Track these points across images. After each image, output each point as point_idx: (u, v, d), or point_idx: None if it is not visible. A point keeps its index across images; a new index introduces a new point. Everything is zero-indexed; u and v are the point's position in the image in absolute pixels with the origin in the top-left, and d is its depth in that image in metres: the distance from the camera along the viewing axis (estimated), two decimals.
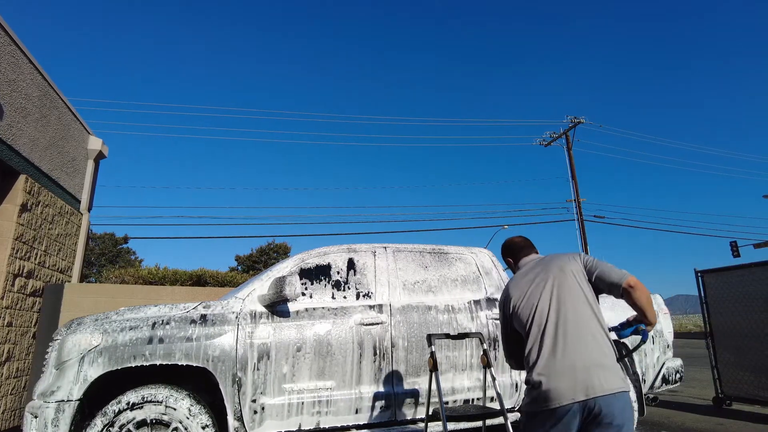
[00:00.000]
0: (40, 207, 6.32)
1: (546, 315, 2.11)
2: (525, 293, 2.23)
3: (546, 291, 2.17)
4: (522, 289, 2.26)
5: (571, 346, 2.00)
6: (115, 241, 26.16)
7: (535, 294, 2.19)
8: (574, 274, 2.19)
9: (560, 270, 2.21)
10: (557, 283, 2.18)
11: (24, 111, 5.86)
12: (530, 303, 2.18)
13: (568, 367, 1.96)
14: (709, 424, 5.66)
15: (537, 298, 2.17)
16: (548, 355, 2.02)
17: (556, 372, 1.97)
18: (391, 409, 3.81)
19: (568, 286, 2.16)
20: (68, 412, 3.15)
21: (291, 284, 3.55)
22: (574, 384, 1.93)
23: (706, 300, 6.97)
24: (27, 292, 6.04)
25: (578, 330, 2.04)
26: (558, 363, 1.98)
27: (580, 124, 23.49)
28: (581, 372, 1.94)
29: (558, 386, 1.95)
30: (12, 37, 5.56)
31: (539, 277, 2.25)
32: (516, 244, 2.57)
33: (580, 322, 2.06)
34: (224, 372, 3.47)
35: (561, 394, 1.94)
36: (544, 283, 2.20)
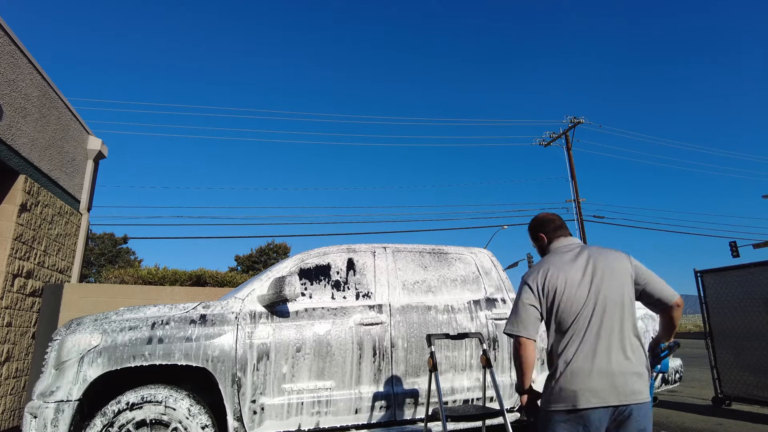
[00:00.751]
0: (40, 207, 6.31)
1: (592, 313, 2.03)
2: (575, 282, 2.09)
3: (595, 288, 2.07)
4: (570, 276, 2.11)
5: (615, 351, 1.97)
6: (114, 241, 26.16)
7: (584, 288, 2.08)
8: (624, 278, 2.11)
9: (612, 271, 2.12)
10: (608, 285, 2.09)
11: (23, 111, 5.86)
12: (580, 295, 2.06)
13: (607, 371, 1.93)
14: (709, 424, 5.66)
15: (586, 292, 2.07)
16: (590, 355, 1.97)
17: (594, 373, 1.93)
18: (390, 409, 3.81)
19: (617, 290, 2.09)
20: (68, 413, 3.15)
21: (290, 284, 3.55)
22: (611, 388, 1.91)
23: (706, 300, 6.98)
24: (26, 292, 6.04)
25: (621, 336, 2.01)
26: (598, 365, 1.95)
27: (579, 124, 23.51)
28: (619, 377, 1.93)
29: (595, 387, 1.92)
30: (11, 37, 5.55)
31: (589, 269, 2.12)
32: (554, 221, 2.40)
33: (624, 329, 2.02)
34: (224, 372, 3.47)
35: (598, 395, 1.91)
36: (594, 278, 2.10)
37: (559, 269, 2.15)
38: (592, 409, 1.91)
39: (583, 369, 1.95)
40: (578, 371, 1.96)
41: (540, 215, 2.47)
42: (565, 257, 2.21)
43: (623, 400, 1.90)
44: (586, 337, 2.00)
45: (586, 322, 2.03)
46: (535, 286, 2.16)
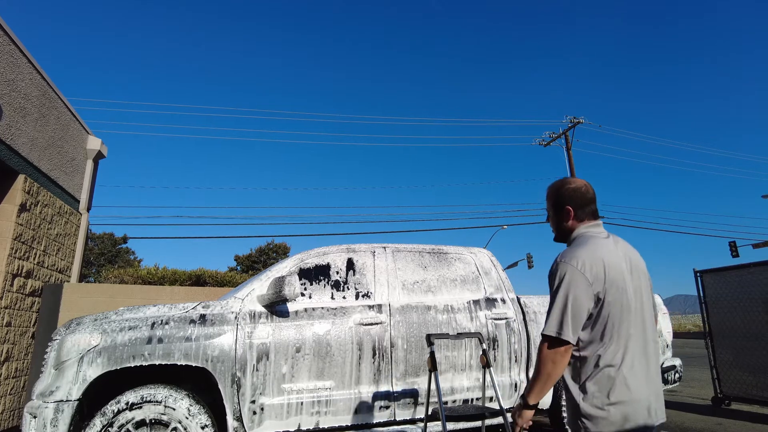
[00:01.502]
0: (39, 207, 6.31)
1: (639, 320, 1.72)
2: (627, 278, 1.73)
3: (639, 292, 1.76)
4: (622, 269, 1.74)
5: (653, 366, 1.71)
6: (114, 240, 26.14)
7: (630, 288, 1.73)
8: (650, 284, 1.84)
9: (645, 275, 1.83)
10: (646, 291, 1.79)
11: (23, 111, 5.85)
12: (630, 294, 1.72)
13: (645, 388, 1.66)
14: (708, 424, 5.66)
15: (632, 294, 1.72)
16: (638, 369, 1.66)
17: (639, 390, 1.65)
18: (390, 409, 3.81)
19: (650, 299, 1.82)
20: (67, 413, 3.15)
21: (290, 284, 3.55)
22: (649, 406, 1.65)
23: (705, 300, 6.98)
24: (26, 292, 6.03)
25: (656, 349, 1.76)
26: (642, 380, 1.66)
27: (579, 124, 23.51)
28: (653, 395, 1.68)
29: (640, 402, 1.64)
30: (11, 36, 5.55)
31: (629, 266, 1.77)
32: (591, 195, 1.92)
33: (654, 341, 1.77)
34: (223, 372, 3.47)
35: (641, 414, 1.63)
36: (637, 279, 1.77)
37: (610, 258, 1.73)
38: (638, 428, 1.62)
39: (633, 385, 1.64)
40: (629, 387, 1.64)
41: (572, 181, 1.96)
42: (608, 244, 1.79)
43: (654, 421, 1.67)
44: (633, 348, 1.68)
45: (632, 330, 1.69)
46: (591, 276, 1.68)
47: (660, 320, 5.04)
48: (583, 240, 1.82)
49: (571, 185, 1.94)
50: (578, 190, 1.92)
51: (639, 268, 1.81)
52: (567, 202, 1.91)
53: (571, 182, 1.96)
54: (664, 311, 5.16)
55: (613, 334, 1.67)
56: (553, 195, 1.97)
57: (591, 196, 1.92)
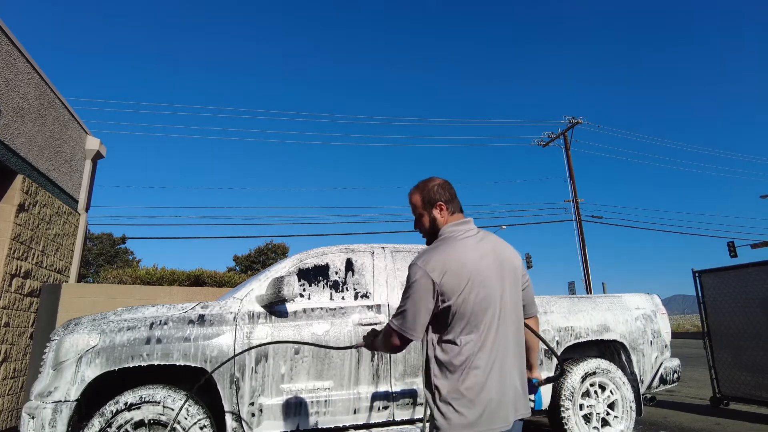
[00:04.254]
0: (38, 207, 6.30)
1: (498, 317, 1.74)
2: (479, 276, 1.73)
3: (500, 286, 1.77)
4: (479, 268, 1.74)
5: (513, 362, 1.75)
6: (112, 241, 26.10)
7: (491, 284, 1.74)
8: (519, 278, 1.86)
9: (513, 269, 1.84)
10: (511, 284, 1.81)
11: (21, 111, 5.85)
12: (487, 292, 1.72)
13: (510, 385, 1.72)
14: (707, 424, 5.67)
15: (493, 290, 1.74)
16: (498, 366, 1.70)
17: (501, 387, 1.69)
18: (389, 410, 3.81)
19: (517, 292, 1.84)
20: (65, 413, 3.15)
21: (289, 284, 3.55)
22: (507, 405, 1.69)
23: (704, 300, 6.99)
24: (24, 292, 6.02)
25: (517, 345, 1.79)
26: (502, 377, 1.70)
27: (578, 124, 23.53)
28: (517, 391, 1.74)
29: (499, 406, 1.67)
30: (9, 36, 5.54)
31: (493, 262, 1.79)
32: (452, 189, 1.94)
33: (519, 337, 1.80)
34: (222, 372, 3.46)
35: (506, 414, 1.68)
36: (500, 274, 1.78)
37: (468, 258, 1.75)
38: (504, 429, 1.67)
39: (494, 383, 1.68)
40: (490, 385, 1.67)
41: (433, 180, 1.95)
42: (469, 242, 1.80)
43: (514, 417, 1.71)
44: (496, 346, 1.71)
45: (493, 328, 1.72)
46: (437, 278, 1.70)
47: (659, 320, 5.05)
48: (444, 240, 1.84)
49: (432, 182, 1.94)
50: (442, 186, 1.92)
51: (510, 264, 1.83)
52: (430, 202, 1.90)
53: (431, 180, 1.96)
54: (663, 311, 5.17)
55: (472, 333, 1.69)
56: (422, 193, 1.94)
57: (454, 193, 1.93)
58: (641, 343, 4.81)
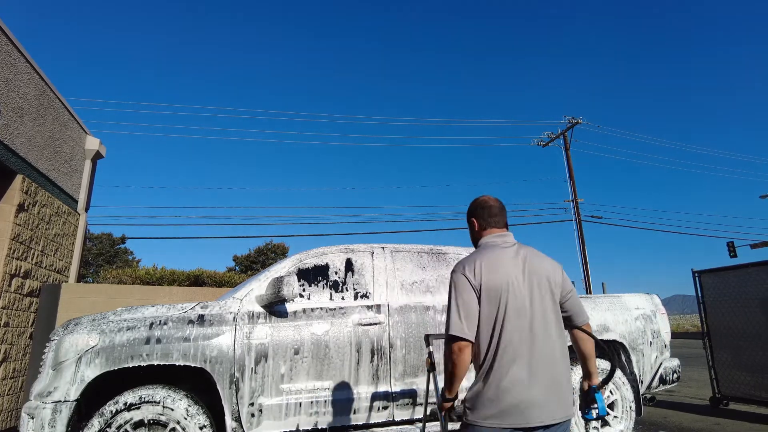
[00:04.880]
0: (37, 207, 6.30)
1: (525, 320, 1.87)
2: (508, 281, 1.89)
3: (528, 295, 1.91)
4: (505, 271, 1.91)
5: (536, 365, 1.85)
6: (112, 241, 26.07)
7: (516, 288, 1.89)
8: (554, 291, 1.97)
9: (548, 277, 1.97)
10: (541, 294, 1.93)
11: (21, 111, 5.84)
12: (512, 296, 1.88)
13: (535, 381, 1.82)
14: (706, 424, 5.67)
15: (520, 295, 1.89)
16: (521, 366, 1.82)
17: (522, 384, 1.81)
18: (389, 410, 3.81)
19: (549, 301, 1.95)
20: (65, 413, 3.15)
21: (289, 284, 3.55)
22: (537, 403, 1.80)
23: (704, 300, 6.99)
24: (24, 292, 6.02)
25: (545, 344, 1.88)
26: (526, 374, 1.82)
27: (577, 124, 23.53)
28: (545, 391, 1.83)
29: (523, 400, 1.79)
30: (9, 36, 5.54)
31: (528, 270, 1.94)
32: (492, 207, 2.15)
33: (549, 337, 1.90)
34: (222, 373, 3.46)
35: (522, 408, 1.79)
36: (530, 282, 1.93)
37: (499, 266, 1.92)
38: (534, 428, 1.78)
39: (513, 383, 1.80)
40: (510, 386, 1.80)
41: (478, 198, 2.22)
42: (507, 253, 1.98)
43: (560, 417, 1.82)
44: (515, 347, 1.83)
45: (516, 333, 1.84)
46: (474, 281, 1.89)
47: (658, 320, 5.05)
48: (480, 250, 2.04)
49: (477, 200, 2.22)
50: (482, 203, 2.18)
51: (538, 274, 1.95)
52: (475, 215, 2.17)
53: (478, 198, 2.23)
54: (663, 311, 5.17)
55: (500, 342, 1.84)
56: (471, 211, 2.22)
57: (497, 210, 2.15)
58: (641, 343, 4.81)
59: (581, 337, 2.06)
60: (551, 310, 1.93)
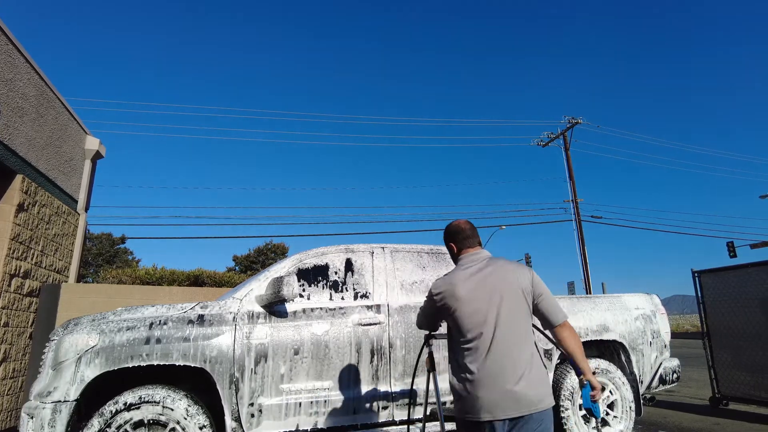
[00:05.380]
0: (37, 207, 6.30)
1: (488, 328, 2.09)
2: (471, 296, 2.15)
3: (491, 304, 2.12)
4: (471, 288, 2.17)
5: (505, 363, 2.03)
6: (112, 241, 26.07)
7: (479, 301, 2.14)
8: (524, 294, 2.16)
9: (510, 286, 2.16)
10: (505, 302, 2.13)
11: (21, 110, 5.84)
12: (475, 309, 2.13)
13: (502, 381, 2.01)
14: (706, 424, 5.67)
15: (482, 307, 2.12)
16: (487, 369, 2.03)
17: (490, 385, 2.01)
18: (388, 410, 3.81)
19: (514, 306, 2.14)
20: (65, 413, 3.14)
21: (289, 284, 3.54)
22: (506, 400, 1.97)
23: (703, 300, 6.99)
24: (24, 292, 6.02)
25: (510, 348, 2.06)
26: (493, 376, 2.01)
27: (577, 124, 23.54)
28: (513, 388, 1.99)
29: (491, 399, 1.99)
30: (8, 36, 5.54)
31: (490, 283, 2.17)
32: (464, 230, 2.42)
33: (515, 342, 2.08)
34: (221, 373, 3.46)
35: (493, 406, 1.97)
36: (493, 292, 2.15)
37: (461, 280, 2.21)
38: (493, 422, 1.97)
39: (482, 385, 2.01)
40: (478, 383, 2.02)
41: (452, 224, 2.48)
42: (471, 270, 2.25)
43: (522, 412, 1.96)
44: (480, 352, 2.06)
45: (484, 338, 2.07)
46: (437, 295, 2.27)
47: (658, 320, 5.05)
48: (451, 270, 2.34)
49: (451, 226, 2.48)
50: (456, 227, 2.45)
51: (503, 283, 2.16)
52: (449, 240, 2.46)
53: (451, 223, 2.50)
54: (662, 312, 5.17)
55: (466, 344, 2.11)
56: (444, 238, 2.52)
57: (467, 233, 2.41)
58: (641, 343, 4.81)
59: (559, 338, 2.20)
60: (513, 313, 2.12)
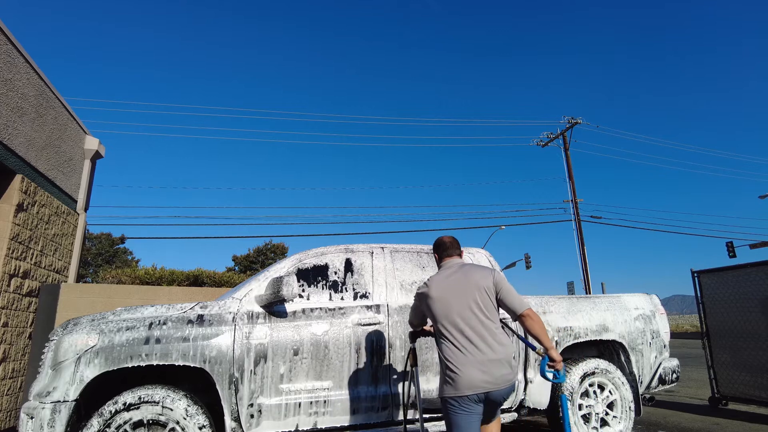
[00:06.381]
0: (37, 207, 6.29)
1: (458, 322, 2.64)
2: (443, 298, 2.74)
3: (460, 303, 2.68)
4: (441, 292, 2.77)
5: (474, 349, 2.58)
6: (111, 241, 26.07)
7: (450, 302, 2.71)
8: (485, 293, 2.71)
9: (471, 289, 2.71)
10: (469, 300, 2.68)
11: (20, 110, 5.84)
12: (447, 307, 2.70)
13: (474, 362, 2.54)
14: (706, 424, 5.68)
15: (452, 306, 2.69)
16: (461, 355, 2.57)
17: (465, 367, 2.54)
18: (388, 409, 3.81)
19: (476, 303, 2.68)
20: (64, 413, 3.14)
21: (288, 284, 3.54)
22: (478, 377, 2.51)
23: (703, 300, 6.99)
24: (23, 292, 6.02)
25: (477, 336, 2.60)
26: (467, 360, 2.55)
27: (577, 124, 23.55)
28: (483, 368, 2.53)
29: (467, 378, 2.51)
30: (8, 35, 5.53)
31: (458, 284, 2.76)
32: (444, 243, 3.10)
33: (480, 331, 2.61)
34: (221, 373, 3.46)
35: (469, 383, 2.50)
36: (459, 296, 2.71)
37: (437, 283, 2.83)
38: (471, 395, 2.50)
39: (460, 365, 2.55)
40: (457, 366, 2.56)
41: (437, 239, 3.17)
42: (445, 274, 2.88)
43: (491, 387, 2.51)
44: (456, 339, 2.62)
45: (455, 327, 2.64)
46: (420, 296, 2.91)
47: (658, 320, 5.05)
48: (433, 275, 2.97)
49: (437, 240, 3.16)
50: (440, 241, 3.12)
51: (474, 282, 2.73)
52: (435, 251, 3.14)
53: (438, 238, 3.16)
54: (662, 312, 5.18)
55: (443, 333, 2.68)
56: (433, 249, 3.17)
57: (447, 245, 3.06)
58: (640, 344, 4.82)
59: (524, 325, 2.68)
60: (478, 305, 2.67)
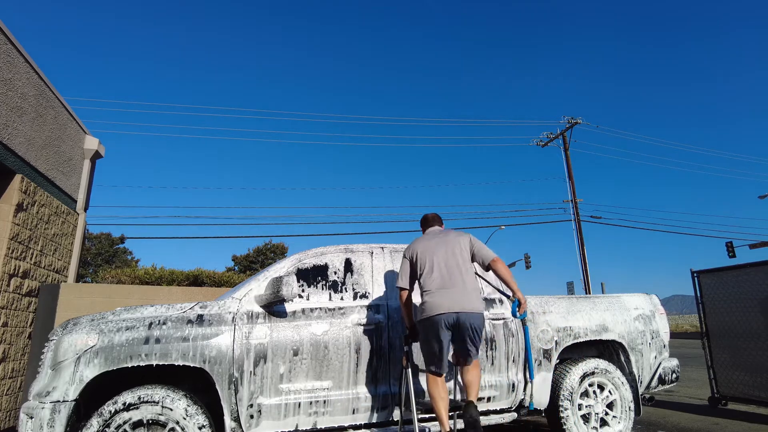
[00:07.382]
0: (36, 207, 6.29)
1: (437, 263, 3.62)
2: (426, 248, 3.73)
3: (439, 250, 3.68)
4: (425, 245, 3.77)
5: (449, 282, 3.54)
6: (111, 241, 26.06)
7: (432, 250, 3.71)
8: (461, 246, 3.72)
9: (450, 242, 3.73)
10: (447, 248, 3.69)
11: (20, 110, 5.83)
12: (429, 255, 3.68)
13: (448, 292, 3.50)
14: (705, 424, 5.68)
15: (433, 253, 3.68)
16: (437, 285, 3.54)
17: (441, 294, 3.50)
18: (388, 409, 3.81)
19: (452, 251, 3.68)
20: (64, 413, 3.14)
21: (288, 284, 3.54)
22: (450, 303, 3.45)
23: (702, 300, 6.99)
24: (22, 292, 6.01)
25: (452, 274, 3.57)
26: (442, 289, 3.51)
27: (577, 124, 23.55)
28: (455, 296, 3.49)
29: (442, 302, 3.46)
30: (7, 35, 5.53)
31: (437, 243, 3.75)
32: (427, 217, 4.18)
33: (454, 270, 3.58)
34: (221, 373, 3.46)
35: (442, 306, 3.45)
36: (438, 246, 3.72)
37: (420, 242, 3.84)
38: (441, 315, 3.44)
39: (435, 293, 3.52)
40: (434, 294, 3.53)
41: (423, 215, 4.22)
42: (427, 237, 3.89)
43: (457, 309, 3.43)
44: (434, 277, 3.58)
45: (433, 268, 3.61)
46: (407, 254, 3.83)
47: (657, 320, 5.05)
48: (416, 238, 3.97)
49: (424, 215, 4.23)
50: (425, 217, 4.20)
51: (450, 241, 3.75)
52: (422, 225, 4.20)
53: (424, 214, 4.23)
54: (662, 312, 5.17)
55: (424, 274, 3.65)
56: (420, 224, 4.24)
57: (430, 219, 4.17)
58: (640, 343, 4.82)
59: (494, 270, 3.68)
60: (455, 253, 3.67)
